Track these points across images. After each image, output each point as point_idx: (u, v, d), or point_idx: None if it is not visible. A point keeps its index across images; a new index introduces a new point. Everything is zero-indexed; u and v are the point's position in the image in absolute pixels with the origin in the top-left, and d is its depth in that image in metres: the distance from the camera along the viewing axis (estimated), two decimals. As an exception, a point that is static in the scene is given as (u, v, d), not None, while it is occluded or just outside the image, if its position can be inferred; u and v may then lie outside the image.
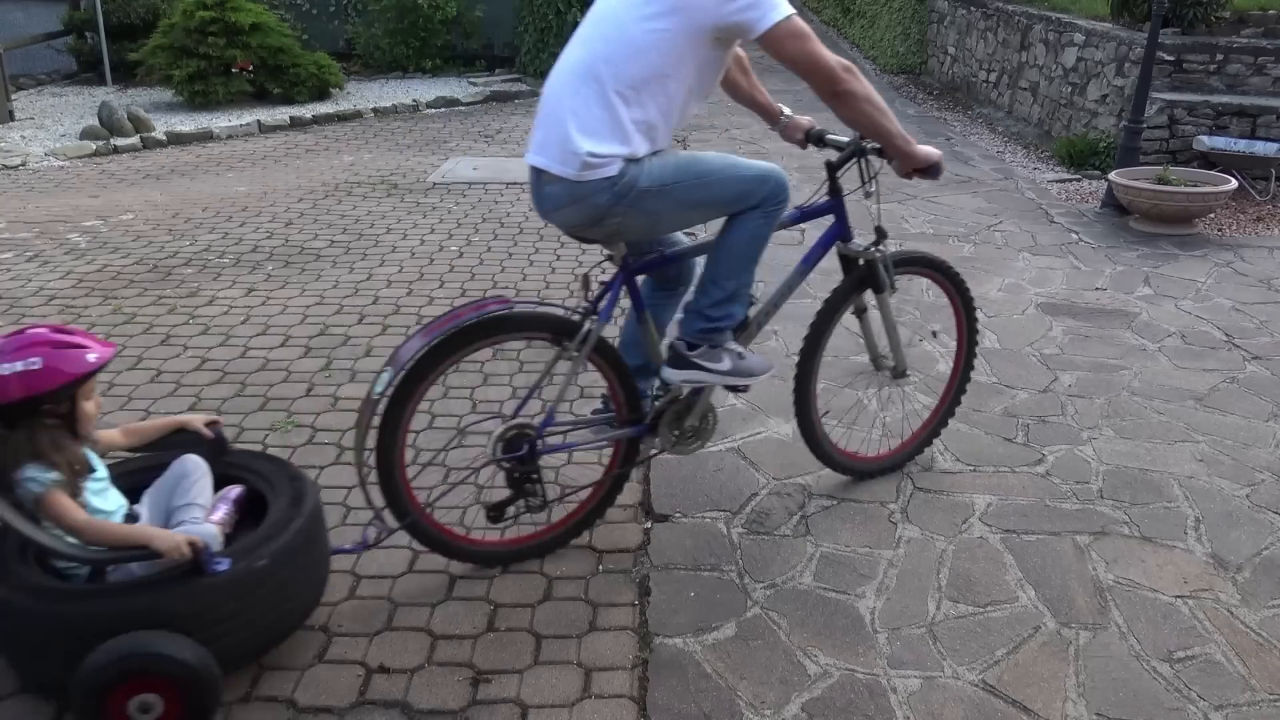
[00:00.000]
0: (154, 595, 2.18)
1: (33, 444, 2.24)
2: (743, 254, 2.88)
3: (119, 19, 10.59)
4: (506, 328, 2.69)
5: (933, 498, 3.24)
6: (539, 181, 2.64)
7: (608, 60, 2.52)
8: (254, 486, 2.56)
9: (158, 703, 2.14)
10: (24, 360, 2.20)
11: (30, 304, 4.81)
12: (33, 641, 2.21)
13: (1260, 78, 7.28)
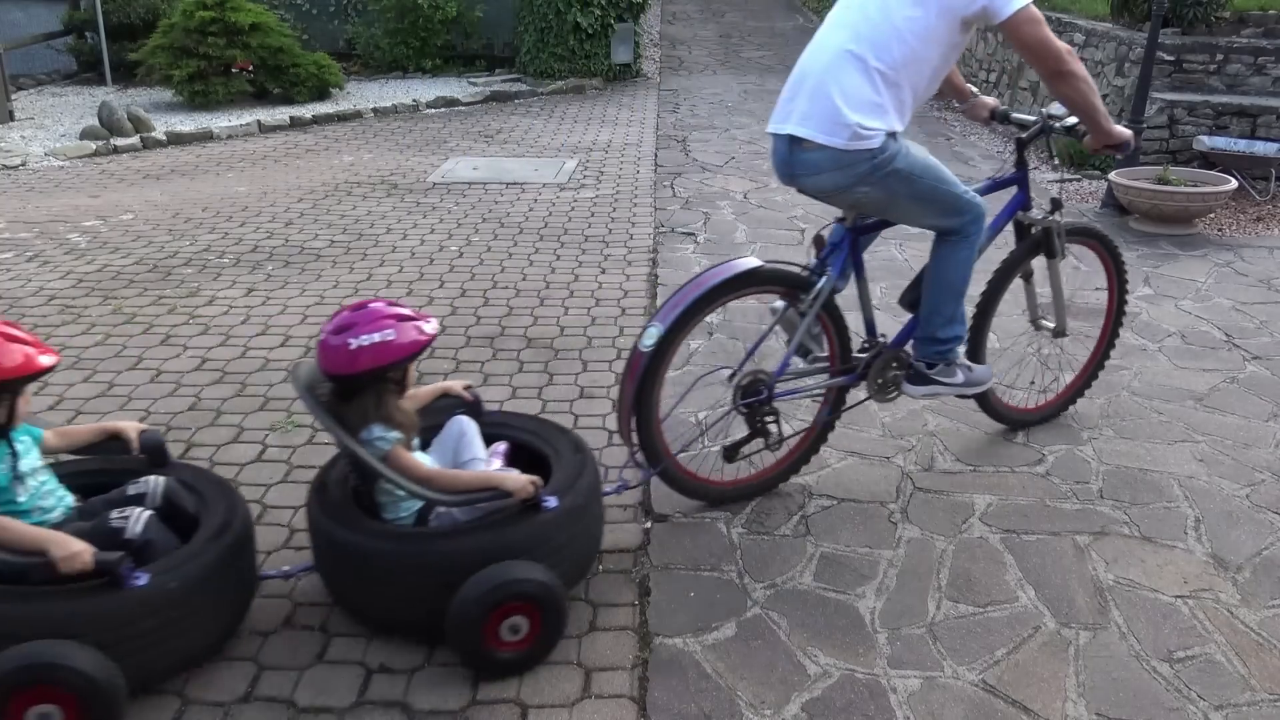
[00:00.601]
0: (505, 530, 2.43)
1: (380, 407, 2.49)
2: (955, 281, 3.15)
3: (119, 19, 10.58)
4: (752, 282, 3.04)
5: (933, 498, 3.24)
6: (791, 148, 2.92)
7: (871, 42, 2.80)
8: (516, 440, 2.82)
9: (524, 623, 2.41)
10: (380, 332, 2.43)
11: (30, 304, 4.81)
12: (402, 583, 2.41)
13: (1260, 78, 7.28)
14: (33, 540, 2.20)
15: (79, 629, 2.11)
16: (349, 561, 2.48)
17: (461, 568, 2.35)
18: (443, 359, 4.22)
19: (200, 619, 2.33)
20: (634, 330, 4.53)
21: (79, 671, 2.06)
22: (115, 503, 2.49)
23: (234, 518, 2.48)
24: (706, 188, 7.07)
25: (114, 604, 2.16)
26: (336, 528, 2.48)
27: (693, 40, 14.58)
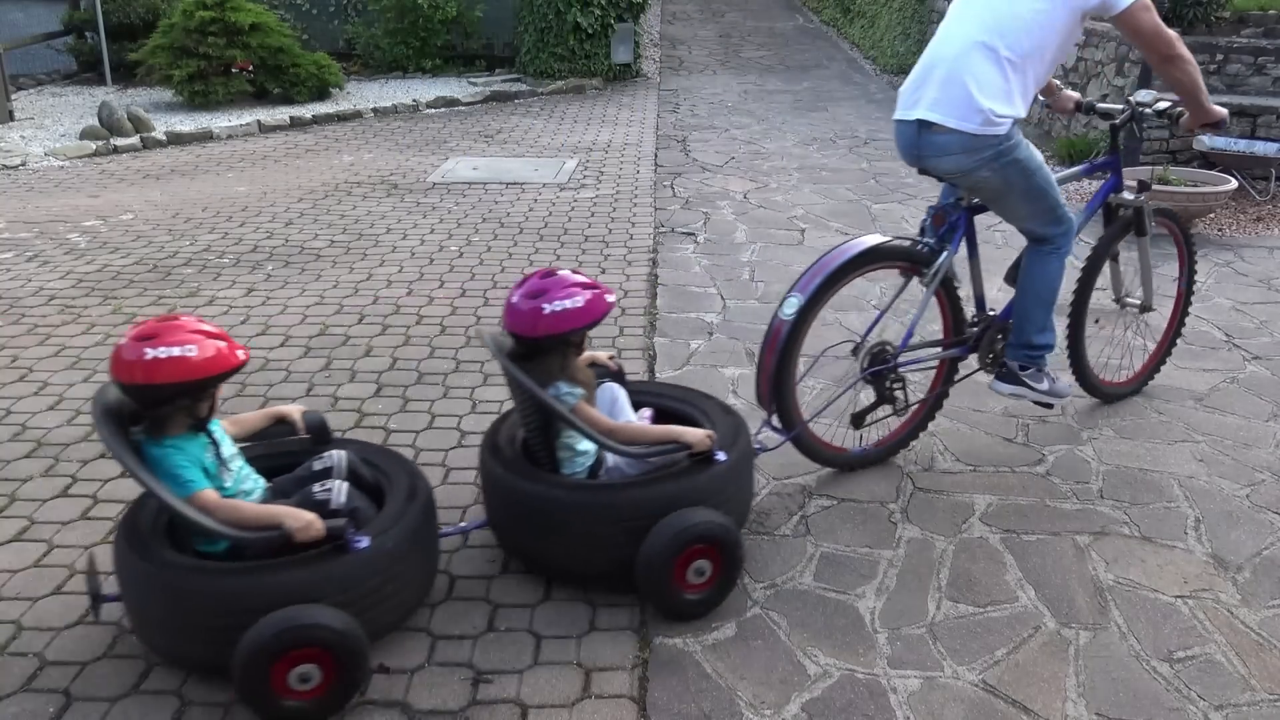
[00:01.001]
0: (685, 481, 2.62)
1: (566, 367, 2.69)
2: (1046, 292, 3.35)
3: (119, 19, 10.58)
4: (878, 257, 3.21)
5: (933, 498, 3.24)
6: (920, 132, 3.12)
7: (1001, 33, 3.01)
8: (660, 406, 3.01)
9: (708, 566, 2.60)
10: (571, 299, 2.64)
11: (30, 304, 4.81)
12: (592, 532, 2.59)
13: (1260, 78, 7.28)
14: (267, 516, 2.36)
15: (319, 592, 2.27)
16: (536, 514, 2.63)
17: (649, 515, 2.54)
18: (443, 359, 4.22)
19: (411, 574, 2.51)
20: (634, 330, 4.53)
21: (333, 630, 2.23)
22: (305, 479, 2.61)
23: (418, 482, 2.62)
24: (706, 188, 7.07)
25: (344, 567, 2.32)
26: (524, 482, 2.65)
27: (693, 40, 14.58)
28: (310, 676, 2.23)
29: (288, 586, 2.26)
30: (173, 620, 2.31)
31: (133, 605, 2.39)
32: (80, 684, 2.40)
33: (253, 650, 2.18)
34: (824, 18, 16.43)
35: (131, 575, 2.34)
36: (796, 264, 5.46)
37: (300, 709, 2.25)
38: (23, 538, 2.96)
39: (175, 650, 2.38)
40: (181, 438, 2.40)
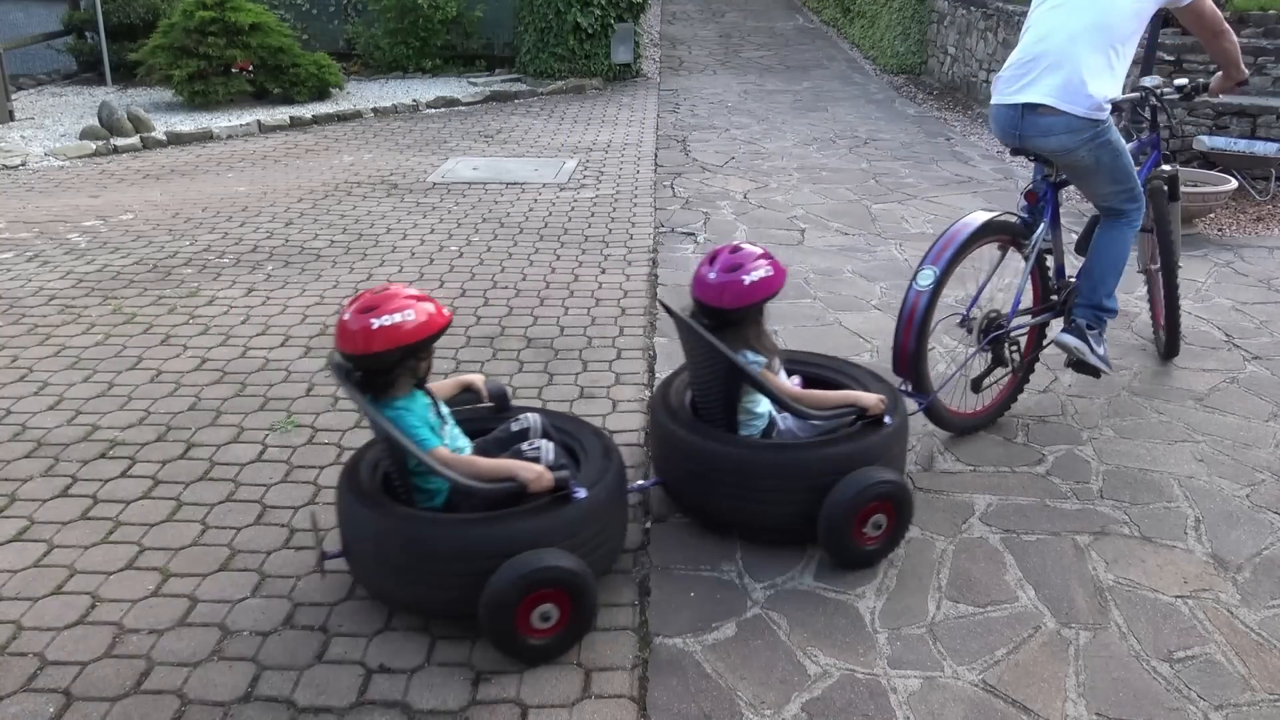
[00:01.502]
0: (862, 441, 2.85)
1: (759, 336, 2.90)
2: (1120, 259, 3.67)
3: (119, 19, 10.58)
4: (990, 231, 3.48)
5: (933, 498, 3.24)
6: (1024, 114, 3.41)
7: (1106, 24, 3.33)
8: (811, 375, 3.22)
9: (884, 520, 2.83)
10: (761, 270, 2.83)
11: (30, 304, 4.81)
12: (778, 488, 2.82)
13: (1260, 78, 7.28)
14: (503, 470, 2.57)
15: (549, 539, 2.46)
16: (729, 473, 2.83)
17: (833, 473, 2.75)
18: (443, 359, 4.22)
19: (615, 523, 2.72)
20: (634, 330, 4.53)
21: (571, 571, 2.44)
22: (504, 440, 2.81)
23: (608, 442, 2.83)
24: (706, 188, 7.07)
25: (568, 515, 2.51)
26: (709, 442, 2.87)
27: (693, 40, 14.58)
28: (550, 615, 2.44)
29: (525, 534, 2.45)
30: (418, 570, 2.47)
31: (371, 558, 2.56)
32: (80, 684, 2.40)
33: (501, 593, 2.37)
34: (824, 18, 16.43)
35: (371, 530, 2.51)
36: (796, 264, 5.46)
37: (542, 646, 2.46)
38: (23, 538, 2.96)
39: (417, 599, 2.56)
40: (407, 398, 2.60)
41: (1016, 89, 3.45)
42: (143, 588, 2.74)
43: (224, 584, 2.77)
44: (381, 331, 2.47)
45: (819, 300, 4.96)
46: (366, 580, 2.66)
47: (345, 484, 2.63)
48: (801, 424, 2.99)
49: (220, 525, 3.04)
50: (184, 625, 2.60)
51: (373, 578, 2.61)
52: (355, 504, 2.56)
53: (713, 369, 2.89)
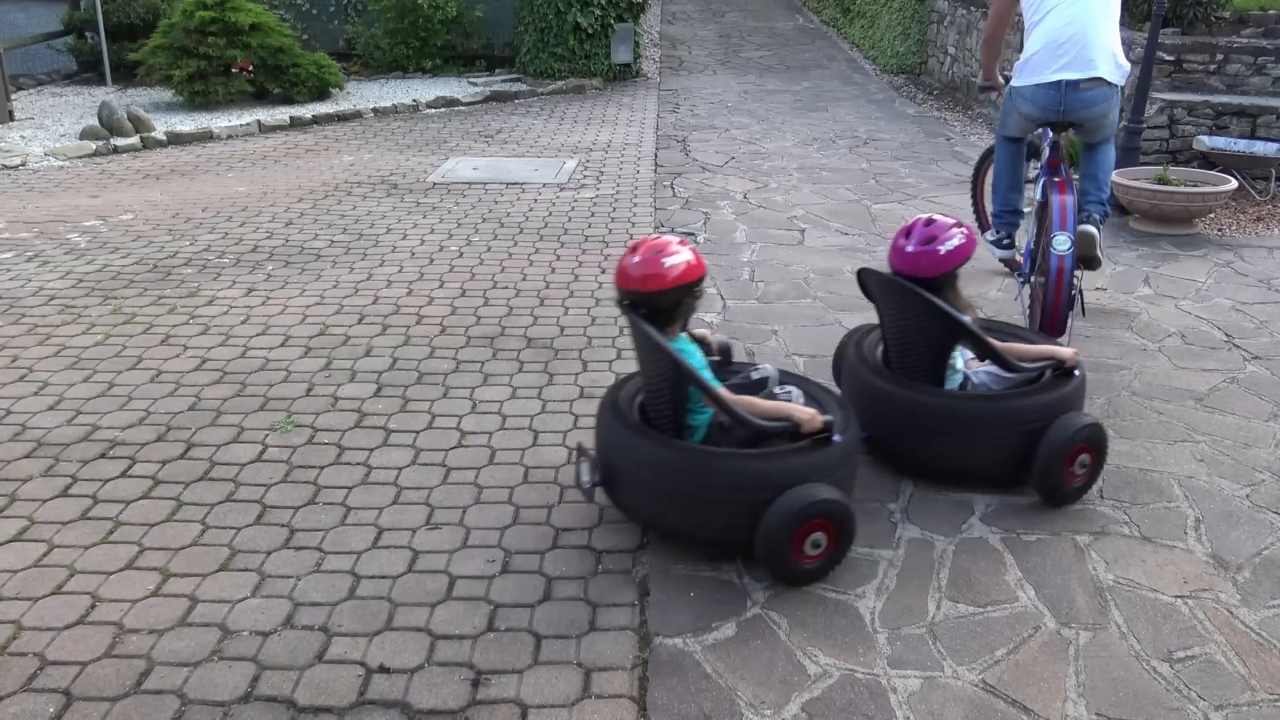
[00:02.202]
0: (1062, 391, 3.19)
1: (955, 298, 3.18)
2: (1111, 167, 4.50)
3: (119, 19, 10.57)
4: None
5: (933, 498, 3.24)
6: (1070, 89, 4.08)
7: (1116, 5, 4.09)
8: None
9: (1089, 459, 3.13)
10: (956, 239, 3.14)
11: (30, 304, 4.81)
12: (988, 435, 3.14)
13: (1260, 78, 7.28)
14: (778, 410, 2.84)
15: (814, 475, 2.72)
16: (936, 422, 3.13)
17: (1042, 420, 3.04)
18: (443, 359, 4.22)
19: (857, 466, 2.98)
20: (634, 330, 4.53)
21: (839, 502, 2.71)
22: (744, 387, 3.03)
23: (840, 397, 3.13)
24: (706, 188, 7.07)
25: (829, 455, 2.79)
26: (920, 395, 3.17)
27: (693, 40, 14.58)
28: (820, 543, 2.71)
29: (795, 470, 2.71)
30: (697, 499, 2.72)
31: (646, 487, 2.79)
32: (80, 684, 2.40)
33: (780, 522, 2.63)
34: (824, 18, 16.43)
35: (651, 460, 2.76)
36: (796, 264, 5.46)
37: (810, 570, 2.74)
38: (23, 538, 2.96)
39: (689, 526, 2.81)
40: (680, 341, 2.85)
41: (1059, 68, 4.06)
42: (143, 588, 2.74)
43: (224, 584, 2.77)
44: (672, 269, 2.76)
45: (819, 300, 4.96)
46: (632, 507, 2.93)
47: (614, 418, 2.89)
48: (993, 377, 3.29)
49: (220, 525, 3.04)
50: (184, 625, 2.60)
51: (642, 504, 2.86)
52: (632, 436, 2.82)
53: (921, 330, 3.19)
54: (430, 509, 3.14)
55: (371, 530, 3.02)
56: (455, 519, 3.08)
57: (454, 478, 3.31)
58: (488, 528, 3.03)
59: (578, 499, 3.18)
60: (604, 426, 2.93)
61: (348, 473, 3.34)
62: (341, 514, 3.10)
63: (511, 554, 2.91)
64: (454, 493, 3.22)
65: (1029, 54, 4.16)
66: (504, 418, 3.72)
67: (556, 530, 3.03)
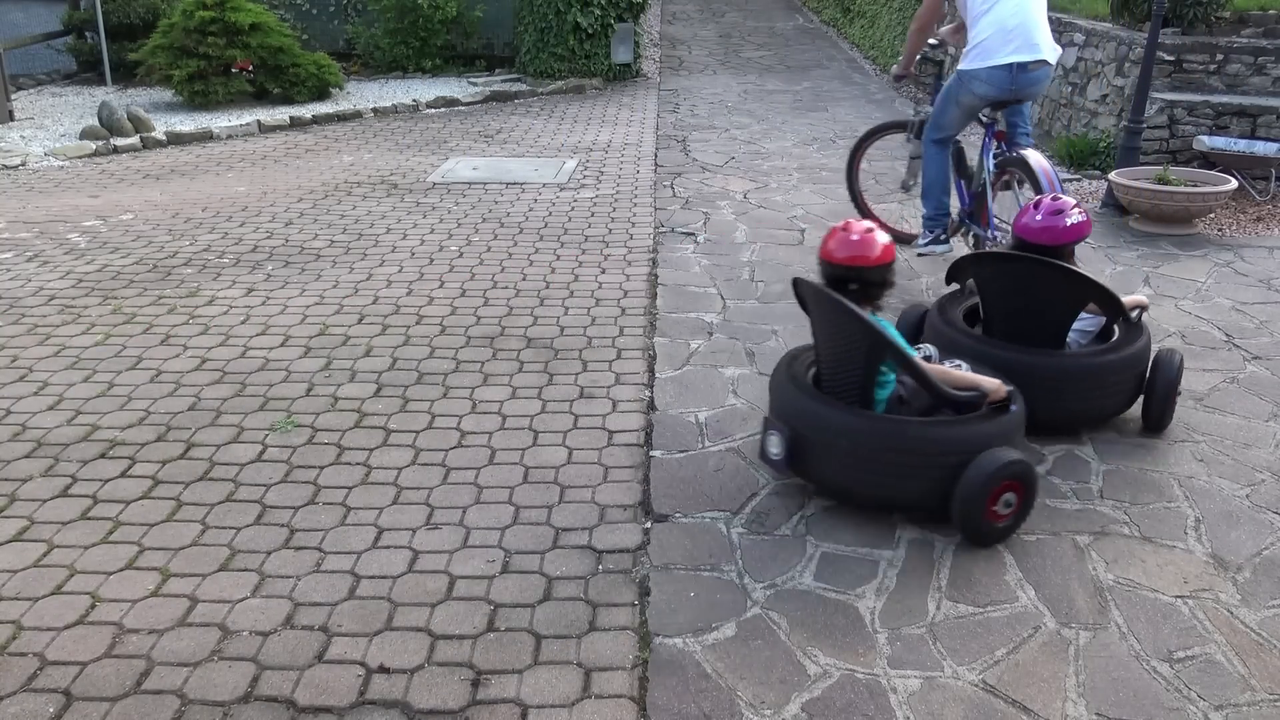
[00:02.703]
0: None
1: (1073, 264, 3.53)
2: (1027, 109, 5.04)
3: (119, 19, 10.57)
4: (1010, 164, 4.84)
5: (933, 498, 3.24)
6: (1020, 70, 4.56)
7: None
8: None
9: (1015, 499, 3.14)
10: (1076, 216, 3.52)
11: (30, 304, 4.81)
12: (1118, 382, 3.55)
13: (1260, 78, 7.28)
14: (969, 381, 3.10)
15: (998, 440, 2.96)
16: (1093, 379, 3.48)
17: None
18: (443, 359, 4.22)
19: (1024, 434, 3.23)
20: (634, 330, 4.53)
21: (1027, 464, 2.94)
22: None
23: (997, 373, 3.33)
24: (706, 188, 7.07)
25: (1008, 422, 3.04)
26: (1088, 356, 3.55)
27: (693, 40, 14.57)
28: (1010, 502, 2.92)
29: (983, 436, 2.95)
30: (897, 466, 2.94)
31: (843, 457, 2.97)
32: (80, 684, 2.40)
33: (978, 483, 2.84)
34: (824, 18, 16.43)
35: (850, 432, 2.96)
36: (796, 264, 5.46)
37: (1001, 529, 2.96)
38: (23, 538, 2.96)
39: (888, 492, 3.02)
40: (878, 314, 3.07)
41: (1010, 52, 4.52)
42: (143, 588, 2.74)
43: (224, 584, 2.77)
44: (886, 246, 3.04)
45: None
46: (822, 478, 3.12)
47: (801, 393, 3.10)
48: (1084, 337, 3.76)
49: (220, 525, 3.04)
50: (184, 625, 2.60)
51: (834, 474, 3.05)
52: (828, 409, 3.02)
53: (1051, 297, 3.54)
54: (430, 509, 3.14)
55: (371, 530, 3.02)
56: (455, 519, 3.08)
57: (454, 478, 3.31)
58: (488, 528, 3.03)
59: (578, 499, 3.18)
60: (788, 401, 3.11)
61: (348, 473, 3.34)
62: (341, 514, 3.10)
63: (511, 554, 2.91)
64: (454, 493, 3.22)
65: (979, 41, 4.57)
66: (504, 418, 3.72)
67: (556, 530, 3.03)
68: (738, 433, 3.63)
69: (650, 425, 3.67)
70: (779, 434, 3.06)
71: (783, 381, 3.18)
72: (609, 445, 3.52)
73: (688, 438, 3.58)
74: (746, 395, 3.92)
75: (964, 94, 4.79)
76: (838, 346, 3.09)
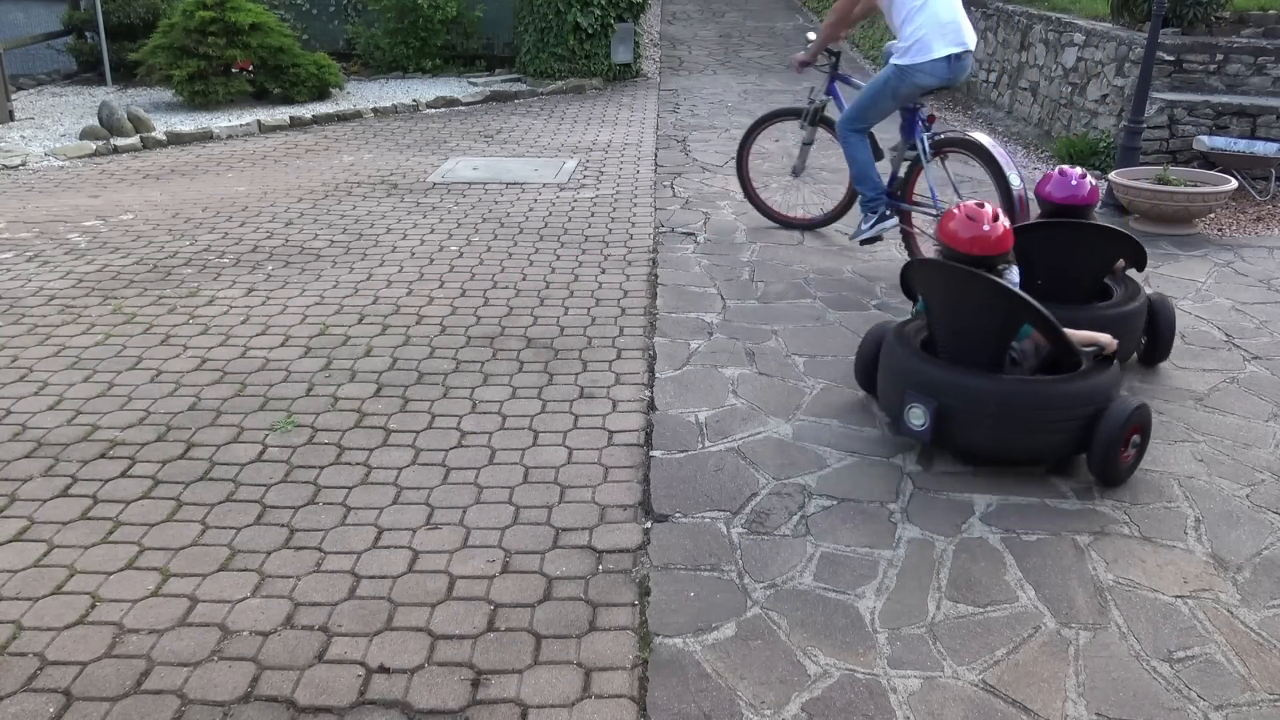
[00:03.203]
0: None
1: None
2: None
3: (119, 19, 10.57)
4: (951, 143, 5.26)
5: (933, 498, 3.24)
6: (954, 60, 4.88)
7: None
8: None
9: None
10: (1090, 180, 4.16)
11: (30, 304, 4.81)
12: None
13: (1260, 78, 7.28)
14: (1089, 338, 3.42)
15: (1113, 391, 3.32)
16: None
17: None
18: (443, 359, 4.22)
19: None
20: (634, 330, 4.53)
21: (1148, 408, 3.34)
22: None
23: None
24: (706, 188, 7.07)
25: (1117, 373, 3.41)
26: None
27: (693, 40, 14.57)
28: (1136, 443, 3.30)
29: (1105, 386, 3.30)
30: (1040, 423, 3.24)
31: (989, 420, 3.24)
32: (80, 684, 2.40)
33: (1116, 428, 3.19)
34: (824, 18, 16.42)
35: (994, 398, 3.23)
36: (796, 264, 5.46)
37: (1128, 468, 3.32)
38: (23, 538, 2.96)
39: (1033, 448, 3.33)
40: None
41: (945, 45, 4.83)
42: (143, 588, 2.74)
43: (224, 584, 2.77)
44: (1009, 231, 3.41)
45: (819, 300, 4.96)
46: (968, 442, 3.36)
47: (937, 366, 3.37)
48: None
49: (220, 525, 3.04)
50: (184, 625, 2.60)
51: (981, 438, 3.30)
52: (972, 378, 3.30)
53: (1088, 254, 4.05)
54: (430, 509, 3.14)
55: (371, 530, 3.02)
56: (455, 519, 3.08)
57: (454, 478, 3.31)
58: (488, 528, 3.04)
59: (578, 499, 3.18)
60: (924, 374, 3.35)
61: (348, 473, 3.34)
62: (341, 514, 3.10)
63: (511, 554, 2.91)
64: (454, 493, 3.22)
65: (918, 36, 4.86)
66: (504, 418, 3.72)
67: (556, 530, 3.03)
68: (738, 433, 3.63)
69: (650, 425, 3.67)
70: (924, 406, 3.30)
71: (908, 356, 3.43)
72: (609, 445, 3.52)
73: (688, 438, 3.58)
74: (746, 395, 3.91)
75: (905, 86, 5.02)
76: (969, 317, 3.41)
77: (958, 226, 3.38)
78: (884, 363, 3.57)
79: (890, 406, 3.53)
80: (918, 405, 3.31)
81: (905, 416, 3.36)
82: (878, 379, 3.63)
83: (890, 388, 3.49)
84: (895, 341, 3.53)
